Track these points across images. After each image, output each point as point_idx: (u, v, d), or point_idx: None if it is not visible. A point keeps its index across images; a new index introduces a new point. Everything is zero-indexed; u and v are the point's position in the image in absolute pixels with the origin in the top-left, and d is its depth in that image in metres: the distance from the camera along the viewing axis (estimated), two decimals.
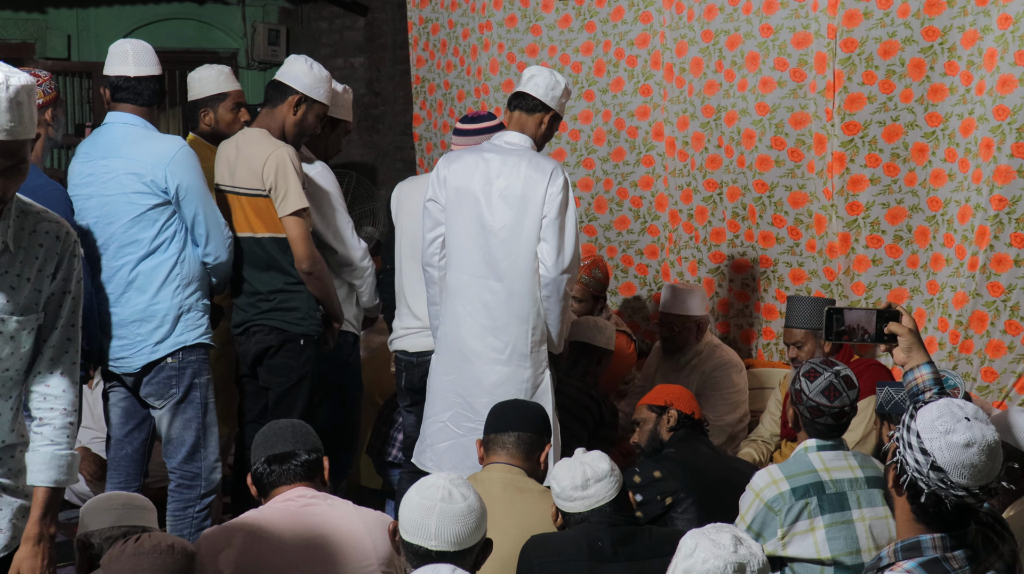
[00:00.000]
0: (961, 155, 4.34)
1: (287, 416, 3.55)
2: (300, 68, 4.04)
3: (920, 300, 4.58)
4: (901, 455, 2.21)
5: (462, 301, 3.78)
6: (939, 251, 4.49)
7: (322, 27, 8.19)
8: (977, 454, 2.14)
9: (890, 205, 4.58)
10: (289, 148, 3.93)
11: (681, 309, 4.85)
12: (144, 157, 3.72)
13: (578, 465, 2.94)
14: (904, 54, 4.41)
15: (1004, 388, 4.32)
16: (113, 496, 3.02)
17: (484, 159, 3.77)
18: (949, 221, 4.42)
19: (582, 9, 5.59)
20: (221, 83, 4.45)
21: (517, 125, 3.85)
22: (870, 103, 4.52)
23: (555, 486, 2.95)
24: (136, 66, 3.80)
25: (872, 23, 4.46)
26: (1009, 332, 4.28)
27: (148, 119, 3.82)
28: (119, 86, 3.80)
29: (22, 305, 2.47)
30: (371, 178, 8.07)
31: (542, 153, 3.87)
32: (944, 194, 4.44)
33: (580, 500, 2.90)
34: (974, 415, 2.19)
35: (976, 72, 4.23)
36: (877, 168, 4.56)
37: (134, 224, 3.75)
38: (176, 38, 7.89)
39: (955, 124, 4.35)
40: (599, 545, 2.83)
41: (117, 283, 3.79)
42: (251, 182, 3.93)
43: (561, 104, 3.88)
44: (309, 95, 4.03)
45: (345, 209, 4.39)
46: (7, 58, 7.26)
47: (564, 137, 5.66)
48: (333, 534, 2.78)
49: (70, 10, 7.62)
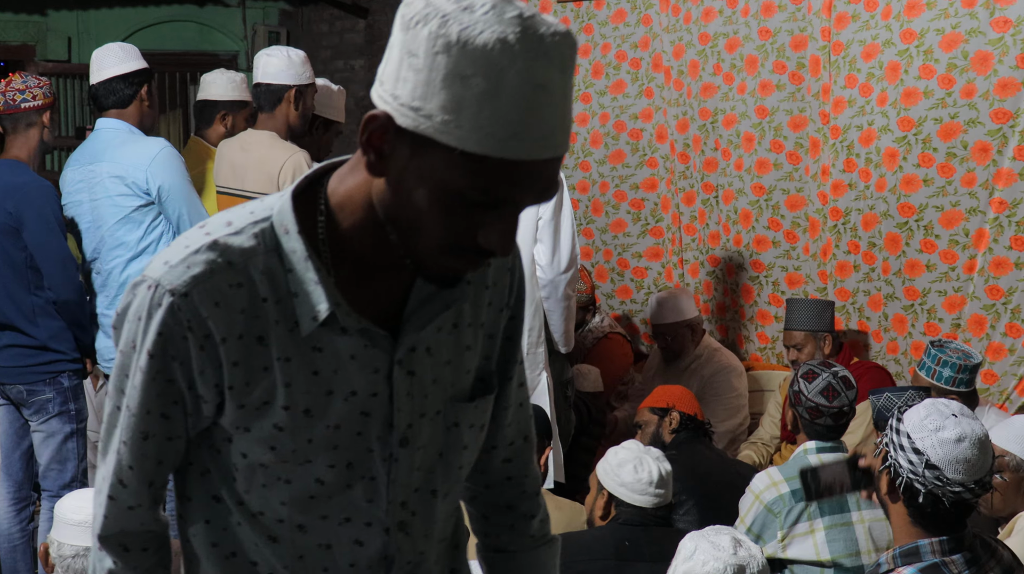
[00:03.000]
0: (941, 160, 4.33)
1: None
2: (280, 63, 4.01)
3: (898, 306, 4.59)
4: (893, 459, 2.20)
5: None
6: (915, 257, 4.47)
7: (322, 29, 8.19)
8: (969, 448, 2.15)
9: (864, 211, 4.60)
10: (305, 154, 3.93)
11: (670, 317, 4.85)
12: (126, 160, 3.75)
13: (652, 462, 2.94)
14: (883, 56, 4.42)
15: (1005, 391, 4.32)
16: None
17: None
18: (927, 227, 4.41)
19: (580, 12, 5.59)
20: (244, 91, 4.51)
21: None
22: (850, 107, 4.54)
23: (621, 477, 2.94)
24: (107, 70, 3.84)
25: (858, 25, 4.48)
26: (1010, 335, 4.28)
27: (133, 119, 3.85)
28: (96, 95, 3.86)
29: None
30: None
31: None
32: (919, 199, 4.42)
33: (652, 496, 2.91)
34: (960, 411, 2.21)
35: (960, 76, 4.22)
36: (853, 173, 4.59)
37: (120, 226, 3.78)
38: (177, 40, 7.89)
39: (931, 128, 4.34)
40: (625, 544, 2.83)
41: (112, 285, 3.83)
42: (264, 186, 3.92)
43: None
44: (300, 83, 4.02)
45: None
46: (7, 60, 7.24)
47: None
48: None
49: (70, 12, 7.62)
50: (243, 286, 1.29)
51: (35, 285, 3.74)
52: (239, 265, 1.29)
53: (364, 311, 1.34)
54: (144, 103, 3.88)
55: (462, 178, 1.17)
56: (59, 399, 3.78)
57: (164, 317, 1.29)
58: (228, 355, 1.29)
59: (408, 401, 1.38)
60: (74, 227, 3.89)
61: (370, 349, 1.34)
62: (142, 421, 1.34)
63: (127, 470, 1.37)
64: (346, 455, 1.36)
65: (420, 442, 1.41)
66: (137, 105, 3.86)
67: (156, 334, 1.29)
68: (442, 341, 1.41)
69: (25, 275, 3.73)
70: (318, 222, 1.31)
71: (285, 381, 1.32)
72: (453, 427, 1.44)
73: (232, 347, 1.29)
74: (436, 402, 1.42)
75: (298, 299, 1.30)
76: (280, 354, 1.31)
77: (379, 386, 1.35)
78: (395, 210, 1.24)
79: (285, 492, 1.37)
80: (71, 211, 3.87)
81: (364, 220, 1.29)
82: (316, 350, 1.32)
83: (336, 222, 1.31)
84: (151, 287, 1.30)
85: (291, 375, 1.32)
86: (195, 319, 1.28)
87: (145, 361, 1.31)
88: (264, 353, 1.30)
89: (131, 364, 1.33)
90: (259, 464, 1.35)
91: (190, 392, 1.32)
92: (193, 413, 1.35)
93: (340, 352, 1.33)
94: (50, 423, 3.78)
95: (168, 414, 1.34)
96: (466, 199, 1.19)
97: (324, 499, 1.38)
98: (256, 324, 1.30)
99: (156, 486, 1.41)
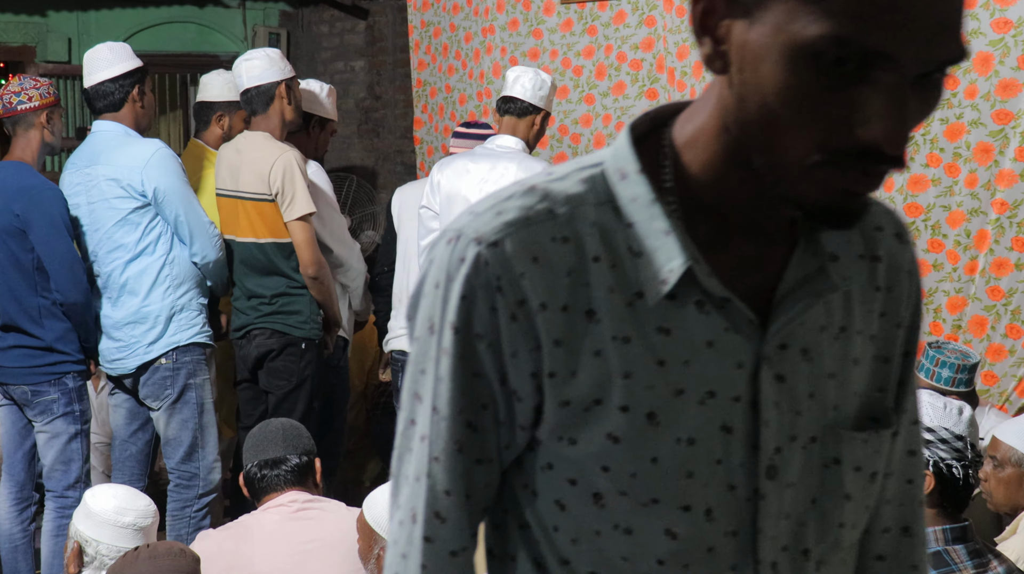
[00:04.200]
0: (948, 160, 4.33)
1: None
2: (262, 63, 3.99)
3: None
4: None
5: None
6: (922, 256, 4.48)
7: (323, 31, 8.19)
8: (969, 417, 2.27)
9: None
10: (295, 152, 3.93)
11: None
12: (121, 162, 3.76)
13: None
14: None
15: (1004, 392, 4.32)
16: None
17: (475, 163, 3.81)
18: (935, 226, 4.41)
19: (584, 13, 5.59)
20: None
21: (509, 129, 3.89)
22: None
23: None
24: (96, 73, 3.87)
25: None
26: (1010, 336, 4.27)
27: (128, 120, 3.85)
28: (88, 98, 3.90)
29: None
30: (371, 182, 8.06)
31: (534, 155, 3.91)
32: (926, 199, 4.42)
33: None
34: (935, 394, 2.35)
35: (964, 76, 4.22)
36: None
37: (118, 228, 3.78)
38: (177, 41, 7.89)
39: (938, 128, 4.33)
40: None
41: (112, 287, 3.83)
42: (257, 186, 3.93)
43: (550, 101, 3.92)
44: (287, 77, 4.01)
45: (339, 210, 4.41)
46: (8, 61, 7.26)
47: (566, 140, 5.66)
48: (326, 538, 2.77)
49: (71, 13, 7.62)
50: (569, 242, 0.97)
51: (42, 287, 3.75)
52: (564, 216, 0.98)
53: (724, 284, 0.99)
54: (137, 103, 3.87)
55: (813, 25, 0.84)
56: (64, 400, 3.79)
57: (468, 274, 0.96)
58: (548, 330, 0.97)
59: (777, 414, 1.01)
60: (73, 229, 3.90)
61: (731, 335, 0.99)
62: (455, 425, 1.00)
63: (443, 497, 1.01)
64: (704, 494, 0.99)
65: (789, 476, 1.03)
66: (130, 106, 3.86)
67: (459, 299, 0.97)
68: (824, 344, 1.04)
69: (32, 277, 3.74)
70: (663, 168, 1.00)
71: (623, 370, 0.97)
72: (832, 465, 1.05)
73: (553, 319, 0.96)
74: (811, 425, 1.04)
75: (641, 260, 0.97)
76: (616, 332, 0.97)
77: (741, 388, 1.00)
78: (746, 112, 0.92)
79: (625, 547, 1.00)
80: (71, 214, 3.87)
81: (719, 158, 0.97)
82: (662, 332, 0.98)
83: (684, 167, 0.99)
84: (451, 240, 0.99)
85: (630, 363, 0.98)
86: (507, 276, 0.96)
87: (450, 339, 0.98)
88: (595, 331, 0.97)
89: (430, 352, 1.00)
90: (592, 495, 1.00)
91: (502, 389, 0.99)
92: (506, 421, 1.01)
93: (694, 336, 0.98)
94: (55, 424, 3.79)
95: (475, 424, 1.00)
96: (824, 62, 0.85)
97: (677, 568, 1.01)
98: (585, 293, 0.97)
99: (475, 525, 1.05)
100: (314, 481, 2.92)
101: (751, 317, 0.99)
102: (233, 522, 2.93)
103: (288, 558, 2.73)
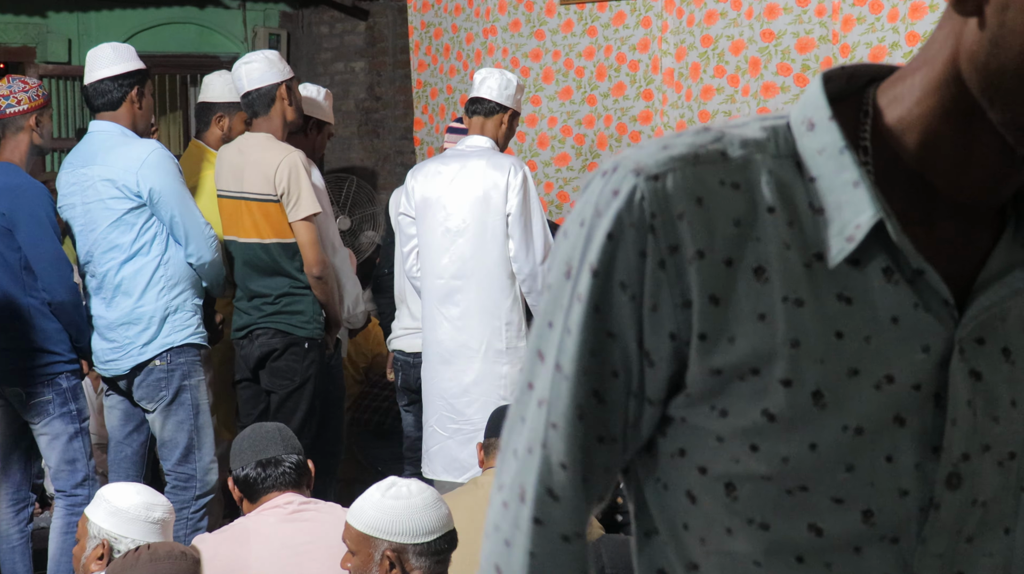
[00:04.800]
0: None
1: (289, 421, 3.56)
2: (261, 65, 3.98)
3: None
4: None
5: (437, 304, 3.87)
6: None
7: (323, 31, 8.18)
8: None
9: None
10: (300, 153, 3.94)
11: None
12: (117, 163, 3.74)
13: None
14: (891, 59, 4.41)
15: None
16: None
17: (446, 164, 3.91)
18: None
19: (584, 14, 5.58)
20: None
21: (477, 128, 3.98)
22: None
23: None
24: (97, 71, 3.86)
25: (864, 28, 4.48)
26: None
27: (125, 121, 3.83)
28: (87, 96, 3.90)
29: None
30: (372, 182, 8.05)
31: (504, 152, 3.98)
32: None
33: None
34: None
35: None
36: None
37: (113, 229, 3.77)
38: (177, 42, 7.88)
39: None
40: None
41: (107, 288, 3.82)
42: (261, 187, 3.92)
43: (517, 101, 4.01)
44: (287, 78, 4.01)
45: (333, 216, 4.45)
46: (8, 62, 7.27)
47: (568, 141, 5.65)
48: (323, 540, 2.76)
49: (71, 14, 7.61)
50: (740, 188, 0.85)
51: (30, 287, 3.74)
52: (738, 160, 0.85)
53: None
54: (135, 105, 3.85)
55: None
56: (59, 400, 3.77)
57: (620, 210, 0.84)
58: (703, 283, 0.84)
59: (968, 414, 0.86)
60: (69, 230, 3.91)
61: (921, 313, 0.85)
62: (579, 387, 0.87)
63: (558, 471, 0.89)
64: (866, 494, 0.86)
65: (980, 493, 0.87)
66: (128, 107, 3.85)
67: (605, 237, 0.84)
68: None
69: (20, 277, 3.73)
70: (860, 124, 0.87)
71: (791, 337, 0.84)
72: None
73: (711, 272, 0.84)
74: (1012, 438, 0.88)
75: (824, 218, 0.85)
76: (788, 293, 0.84)
77: (926, 375, 0.85)
78: (1002, 59, 0.79)
79: (759, 543, 0.87)
80: (66, 214, 3.88)
81: (935, 114, 0.84)
82: (843, 300, 0.84)
83: (886, 126, 0.86)
84: (607, 172, 0.87)
85: (801, 330, 0.84)
86: (663, 215, 0.83)
87: (587, 284, 0.86)
88: (762, 292, 0.84)
89: (562, 300, 0.88)
90: (724, 486, 0.87)
91: (638, 352, 0.86)
92: (637, 392, 0.87)
93: (878, 309, 0.85)
94: (53, 425, 3.78)
95: (602, 393, 0.88)
96: None
97: (817, 567, 0.87)
98: (754, 248, 0.84)
99: (589, 514, 0.91)
100: (308, 484, 2.91)
101: (946, 296, 0.85)
102: (230, 525, 2.92)
103: (285, 560, 2.72)
